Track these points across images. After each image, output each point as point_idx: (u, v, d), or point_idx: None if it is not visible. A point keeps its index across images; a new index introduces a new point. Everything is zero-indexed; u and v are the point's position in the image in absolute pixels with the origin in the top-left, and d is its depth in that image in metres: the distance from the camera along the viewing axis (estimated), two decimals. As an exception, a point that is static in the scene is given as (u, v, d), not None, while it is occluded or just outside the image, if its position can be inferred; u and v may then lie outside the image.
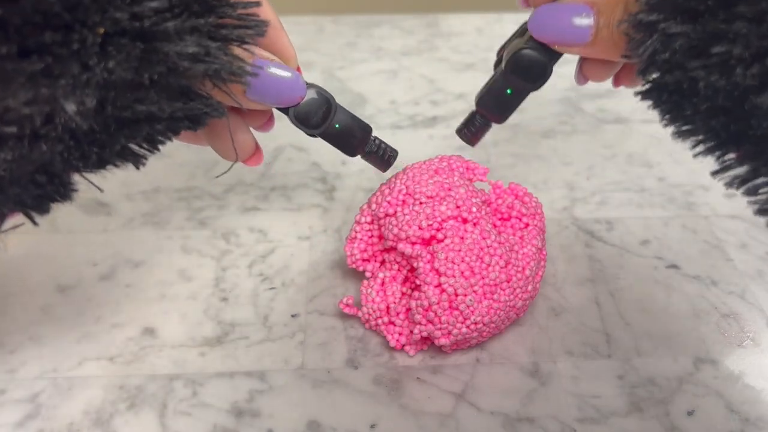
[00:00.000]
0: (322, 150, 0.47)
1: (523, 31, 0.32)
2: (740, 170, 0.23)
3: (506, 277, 0.33)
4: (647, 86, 0.25)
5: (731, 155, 0.23)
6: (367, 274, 0.35)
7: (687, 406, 0.32)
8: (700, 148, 0.24)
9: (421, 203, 0.33)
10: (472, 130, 0.34)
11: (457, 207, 0.33)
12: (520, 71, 0.30)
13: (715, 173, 0.23)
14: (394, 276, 0.35)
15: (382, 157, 0.34)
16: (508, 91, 0.31)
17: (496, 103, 0.32)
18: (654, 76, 0.25)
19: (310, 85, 0.30)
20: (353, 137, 0.32)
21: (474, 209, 0.33)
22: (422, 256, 0.33)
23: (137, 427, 0.31)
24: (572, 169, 0.48)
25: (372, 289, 0.35)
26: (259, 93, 0.28)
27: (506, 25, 0.66)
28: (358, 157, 0.34)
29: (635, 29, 0.24)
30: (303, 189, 0.46)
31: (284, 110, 0.30)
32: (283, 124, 0.33)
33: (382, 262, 0.36)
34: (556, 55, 0.30)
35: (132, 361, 0.34)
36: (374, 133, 0.34)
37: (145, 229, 0.42)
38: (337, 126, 0.31)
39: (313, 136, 0.31)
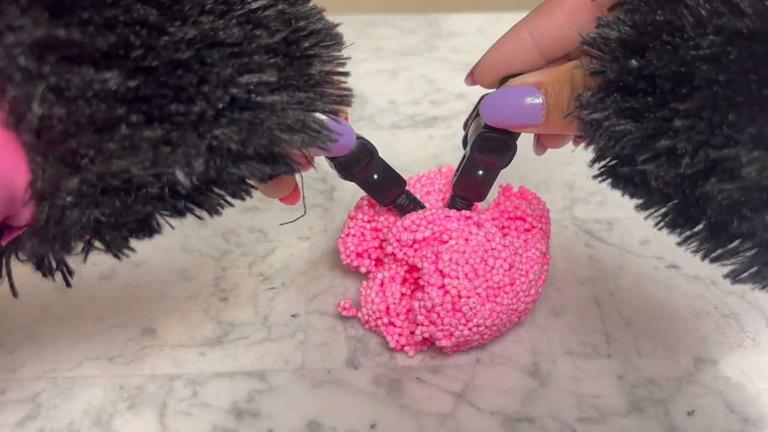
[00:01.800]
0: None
1: None
2: (701, 245, 0.23)
3: (509, 281, 0.32)
4: (602, 169, 0.25)
5: (689, 232, 0.24)
6: (362, 270, 0.36)
7: (687, 406, 0.32)
8: (660, 225, 0.24)
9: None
10: None
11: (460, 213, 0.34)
12: (485, 153, 0.31)
13: (679, 244, 0.24)
14: (393, 276, 0.35)
15: (412, 211, 0.35)
16: (480, 172, 0.33)
17: (471, 185, 0.34)
18: (608, 162, 0.25)
19: (356, 137, 0.31)
20: (388, 189, 0.34)
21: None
22: (427, 256, 0.33)
23: (137, 427, 0.31)
24: (572, 169, 0.48)
25: (371, 290, 0.35)
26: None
27: (506, 25, 0.65)
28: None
29: (581, 124, 0.25)
30: (303, 189, 0.46)
31: (329, 156, 0.31)
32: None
33: (380, 262, 0.36)
34: (516, 132, 0.31)
35: (132, 361, 0.34)
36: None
37: (145, 229, 0.42)
38: (375, 177, 0.33)
39: (350, 180, 0.32)
